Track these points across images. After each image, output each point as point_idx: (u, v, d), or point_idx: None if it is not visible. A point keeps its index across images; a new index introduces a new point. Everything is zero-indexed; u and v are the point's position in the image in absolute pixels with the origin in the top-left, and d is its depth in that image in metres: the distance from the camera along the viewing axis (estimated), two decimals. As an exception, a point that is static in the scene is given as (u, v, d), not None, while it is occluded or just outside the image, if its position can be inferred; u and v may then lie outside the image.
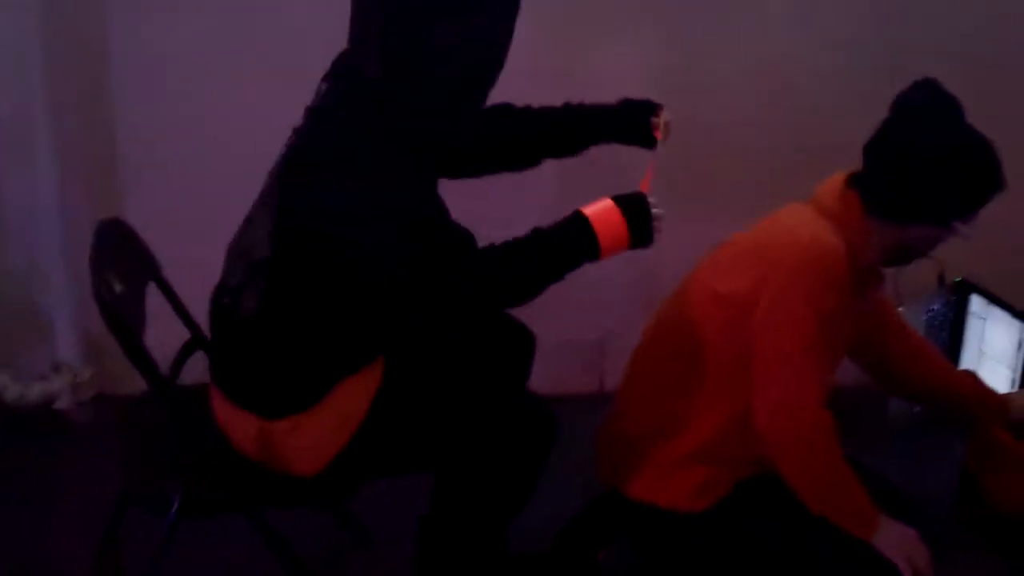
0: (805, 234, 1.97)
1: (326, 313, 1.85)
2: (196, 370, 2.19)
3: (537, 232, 1.84)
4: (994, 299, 2.83)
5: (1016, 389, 2.74)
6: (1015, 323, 2.76)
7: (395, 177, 1.76)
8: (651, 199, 1.86)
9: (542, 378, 2.30)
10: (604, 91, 2.15)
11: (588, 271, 1.88)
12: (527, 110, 2.14)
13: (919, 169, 1.95)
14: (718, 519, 2.05)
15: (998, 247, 2.69)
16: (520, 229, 1.85)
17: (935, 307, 2.93)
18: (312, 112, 1.85)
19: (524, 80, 2.02)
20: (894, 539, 1.99)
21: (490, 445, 1.91)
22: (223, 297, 1.94)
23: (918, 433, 2.96)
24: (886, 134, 2.00)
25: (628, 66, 2.94)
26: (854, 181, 2.02)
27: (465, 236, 1.84)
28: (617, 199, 1.85)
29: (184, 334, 2.25)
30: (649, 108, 2.09)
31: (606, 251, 1.83)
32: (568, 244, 1.83)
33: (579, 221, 1.83)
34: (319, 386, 1.90)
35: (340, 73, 1.85)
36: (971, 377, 2.46)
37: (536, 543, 2.27)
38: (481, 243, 1.88)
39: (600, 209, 1.84)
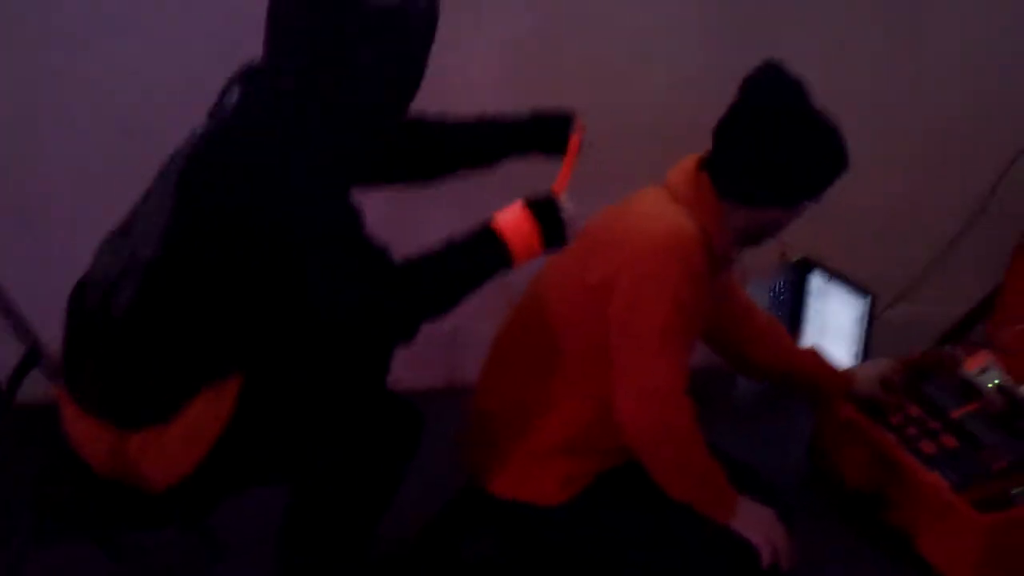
0: (660, 220, 1.97)
1: (204, 317, 1.80)
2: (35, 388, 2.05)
3: (451, 244, 1.82)
4: (834, 275, 2.91)
5: (859, 363, 2.83)
6: (854, 298, 2.84)
7: (325, 179, 1.74)
8: (563, 199, 1.85)
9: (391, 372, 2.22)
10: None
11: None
12: (443, 123, 2.14)
13: (769, 152, 1.97)
14: (580, 511, 2.04)
15: (837, 226, 2.76)
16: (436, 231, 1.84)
17: (778, 285, 2.99)
18: (224, 118, 1.80)
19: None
20: (753, 521, 2.02)
21: (353, 450, 1.86)
22: (90, 296, 1.84)
23: (764, 411, 3.02)
24: (734, 117, 2.00)
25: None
26: (705, 165, 2.03)
27: (382, 249, 1.81)
28: (528, 203, 1.83)
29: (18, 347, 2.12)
30: (566, 120, 2.11)
31: (519, 258, 1.82)
32: (481, 255, 1.81)
33: (489, 232, 1.81)
34: (180, 395, 1.82)
35: (255, 83, 1.81)
36: (815, 354, 2.52)
37: (395, 542, 2.22)
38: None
39: (511, 217, 1.82)
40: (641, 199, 2.07)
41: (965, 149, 3.23)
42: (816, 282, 2.98)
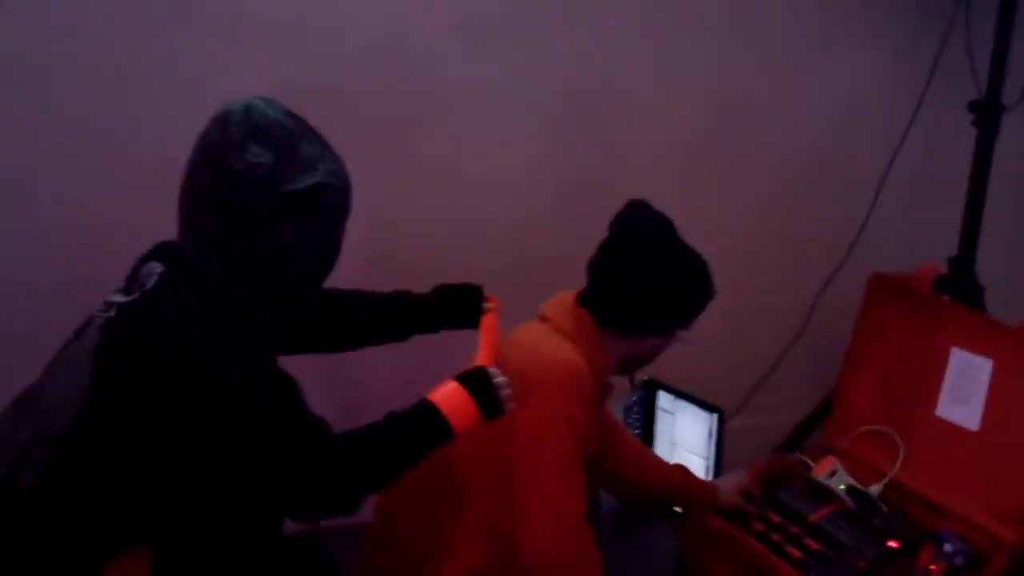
0: (550, 354, 2.02)
1: (115, 492, 1.72)
2: None
3: (390, 419, 1.82)
4: (680, 394, 3.00)
5: (711, 476, 2.91)
6: (703, 414, 2.94)
7: (251, 353, 1.71)
8: (492, 370, 1.89)
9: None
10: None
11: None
12: (356, 296, 2.18)
13: (645, 286, 2.07)
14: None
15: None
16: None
17: (630, 403, 3.05)
18: (145, 294, 1.75)
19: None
20: None
21: None
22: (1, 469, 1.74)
23: (627, 529, 3.05)
24: (608, 255, 2.11)
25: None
26: (583, 301, 2.10)
27: (320, 422, 1.77)
28: (461, 379, 1.86)
29: None
30: (473, 295, 2.18)
31: (459, 430, 1.83)
32: (421, 431, 1.82)
33: (428, 408, 1.82)
34: (89, 570, 1.73)
35: (175, 262, 1.78)
36: (683, 469, 2.59)
37: None
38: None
39: (447, 393, 1.84)
40: (526, 334, 2.11)
41: (782, 274, 3.44)
42: (663, 401, 3.06)
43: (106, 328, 1.74)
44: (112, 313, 1.76)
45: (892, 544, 2.60)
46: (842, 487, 2.77)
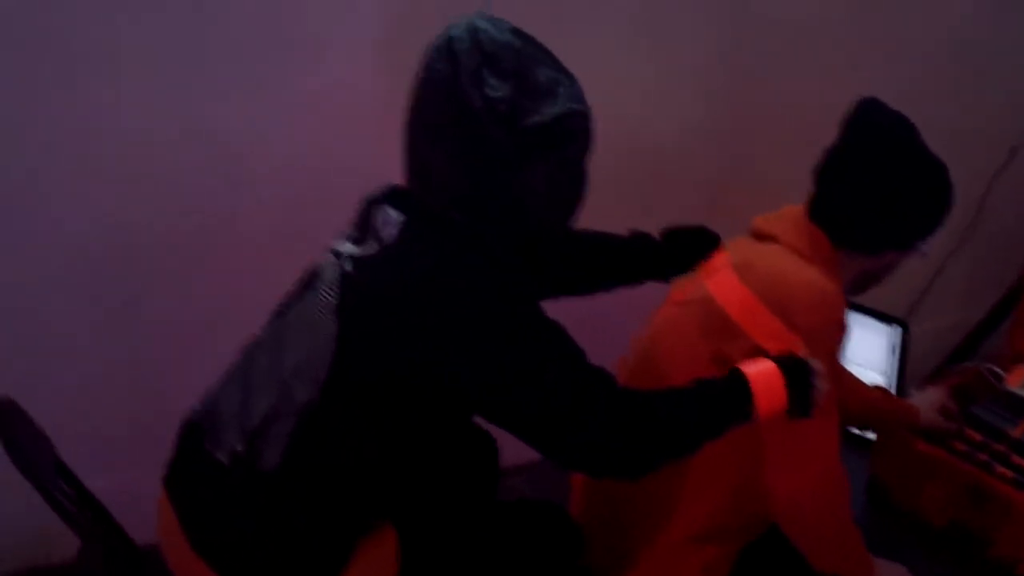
0: (804, 281, 1.83)
1: (364, 466, 1.60)
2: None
3: (700, 385, 1.66)
4: (860, 308, 2.84)
5: (896, 395, 2.77)
6: (884, 327, 2.78)
7: (523, 305, 1.56)
8: (816, 366, 1.71)
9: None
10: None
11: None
12: (591, 238, 2.02)
13: (888, 198, 1.88)
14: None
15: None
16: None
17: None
18: (386, 247, 1.59)
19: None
20: None
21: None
22: (224, 440, 1.62)
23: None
24: (843, 162, 1.90)
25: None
26: (815, 216, 1.91)
27: (605, 372, 1.62)
28: (782, 363, 1.69)
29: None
30: (713, 238, 2.04)
31: (761, 416, 1.66)
32: (727, 403, 1.66)
33: (740, 382, 1.66)
34: (340, 555, 1.61)
35: (414, 211, 1.61)
36: (883, 392, 2.45)
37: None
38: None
39: (763, 373, 1.67)
40: (758, 256, 1.91)
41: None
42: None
43: (345, 285, 1.59)
44: (348, 267, 1.61)
45: (1107, 458, 2.47)
46: (1039, 395, 2.63)
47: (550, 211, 1.61)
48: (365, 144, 2.21)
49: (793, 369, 1.68)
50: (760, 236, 1.96)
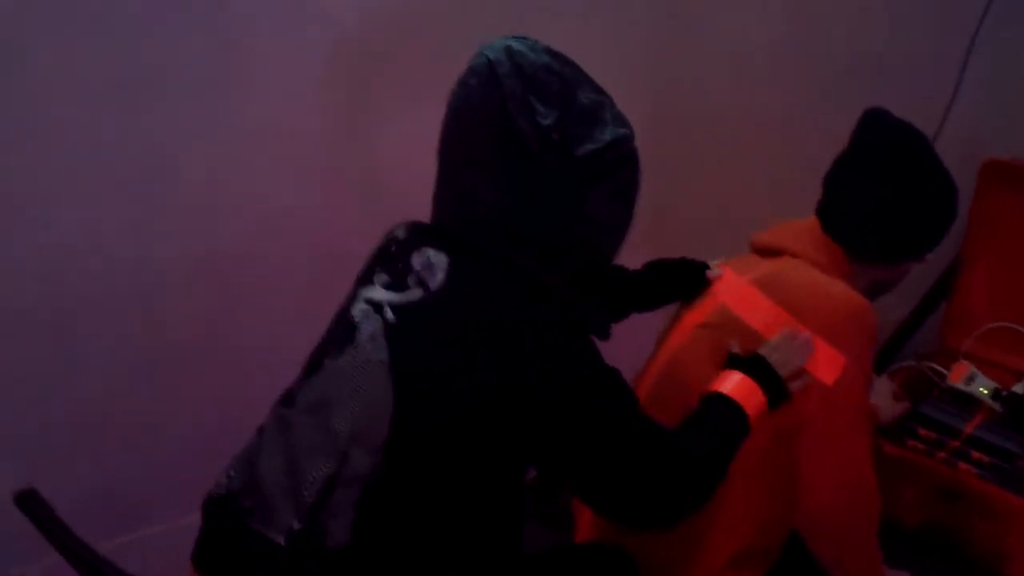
0: (836, 295, 1.77)
1: (430, 531, 1.46)
2: None
3: (701, 419, 1.61)
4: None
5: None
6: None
7: (587, 348, 1.47)
8: (767, 352, 1.69)
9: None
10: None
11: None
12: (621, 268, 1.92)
13: (910, 212, 1.85)
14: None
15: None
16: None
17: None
18: (433, 293, 1.45)
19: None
20: None
21: None
22: (282, 523, 1.45)
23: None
24: (856, 174, 1.87)
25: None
26: (832, 231, 1.86)
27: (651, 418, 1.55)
28: (740, 367, 1.67)
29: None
30: (700, 266, 1.96)
31: (753, 422, 1.63)
32: (730, 428, 1.61)
33: (729, 403, 1.62)
34: None
35: (456, 250, 1.47)
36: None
37: None
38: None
39: (735, 384, 1.64)
40: (787, 271, 1.83)
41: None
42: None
43: (392, 337, 1.45)
44: (391, 317, 1.46)
45: (1061, 445, 2.50)
46: (984, 391, 2.65)
47: (606, 242, 1.51)
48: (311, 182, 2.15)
49: (753, 366, 1.66)
50: (767, 251, 1.89)
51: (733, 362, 1.68)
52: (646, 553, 1.77)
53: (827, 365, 1.72)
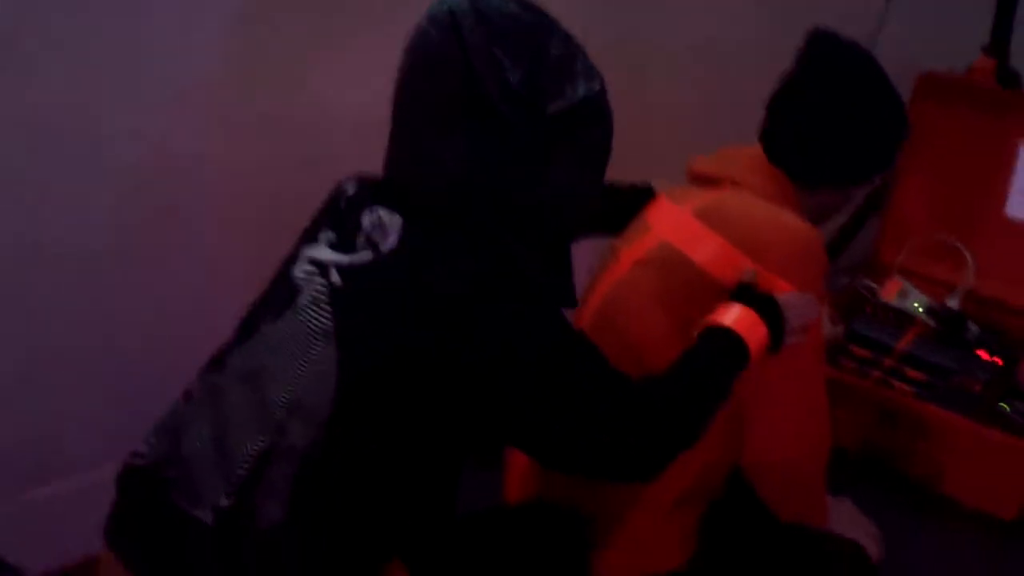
0: (786, 227, 1.66)
1: (373, 505, 1.37)
2: None
3: (694, 355, 1.50)
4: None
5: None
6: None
7: (550, 315, 1.37)
8: (780, 298, 1.58)
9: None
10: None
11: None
12: None
13: (856, 132, 1.76)
14: (706, 563, 1.76)
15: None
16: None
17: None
18: (385, 254, 1.33)
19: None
20: (847, 519, 1.87)
21: None
22: (208, 499, 1.34)
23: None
24: (805, 97, 1.77)
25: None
26: (775, 156, 1.77)
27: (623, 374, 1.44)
28: (748, 302, 1.55)
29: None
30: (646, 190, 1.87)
31: (753, 360, 1.53)
32: (725, 361, 1.51)
33: (727, 335, 1.51)
34: None
35: (412, 211, 1.36)
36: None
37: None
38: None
39: (739, 317, 1.53)
40: (730, 206, 1.72)
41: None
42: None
43: (338, 302, 1.33)
44: (336, 280, 1.35)
45: (996, 360, 2.47)
46: (918, 307, 2.61)
47: (573, 208, 1.41)
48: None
49: (765, 307, 1.55)
50: (707, 180, 1.79)
51: (743, 293, 1.57)
52: (587, 504, 1.69)
53: None
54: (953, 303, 2.61)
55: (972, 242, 2.68)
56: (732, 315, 1.53)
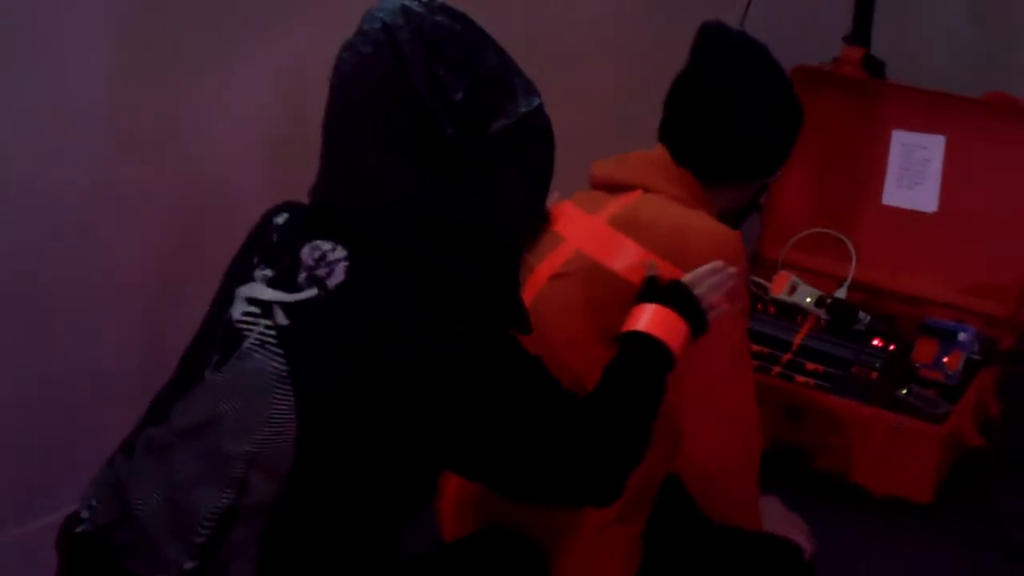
0: (708, 229, 1.65)
1: (349, 544, 1.31)
2: None
3: (620, 370, 1.48)
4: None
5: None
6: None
7: (508, 347, 1.34)
8: (688, 280, 1.56)
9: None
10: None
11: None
12: None
13: (757, 126, 1.76)
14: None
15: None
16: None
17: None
18: (333, 292, 1.26)
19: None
20: (778, 518, 1.85)
21: None
22: (169, 562, 1.25)
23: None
24: (703, 94, 1.75)
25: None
26: (681, 158, 1.74)
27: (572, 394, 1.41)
28: (660, 298, 1.52)
29: None
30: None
31: (677, 356, 1.50)
32: (652, 369, 1.48)
33: (647, 341, 1.49)
34: None
35: (353, 239, 1.28)
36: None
37: None
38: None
39: (654, 318, 1.50)
40: (645, 213, 1.68)
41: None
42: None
43: (287, 344, 1.24)
44: (282, 320, 1.26)
45: (890, 347, 2.49)
46: (808, 300, 2.62)
47: (517, 223, 1.36)
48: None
49: (674, 296, 1.53)
50: (613, 186, 1.74)
51: (649, 290, 1.54)
52: (528, 526, 1.61)
53: None
54: (841, 294, 2.63)
55: (853, 232, 2.71)
56: (646, 318, 1.50)
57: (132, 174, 1.97)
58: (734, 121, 1.73)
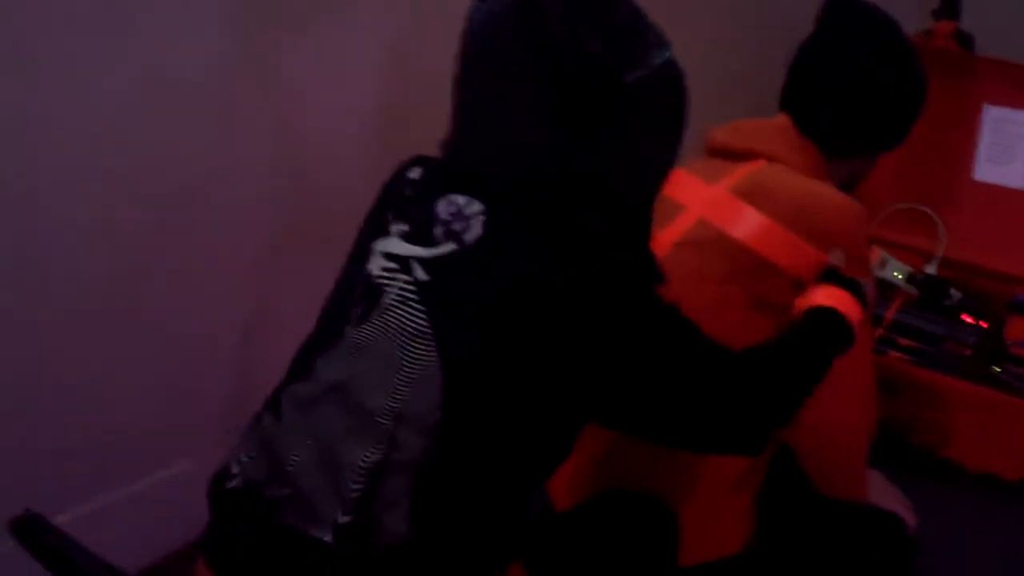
0: (836, 202, 1.64)
1: (496, 505, 1.31)
2: None
3: (796, 334, 1.49)
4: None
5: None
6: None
7: (651, 300, 1.30)
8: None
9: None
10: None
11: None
12: None
13: (885, 99, 1.74)
14: (765, 545, 1.72)
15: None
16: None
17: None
18: (473, 248, 1.25)
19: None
20: (880, 490, 1.85)
21: None
22: (325, 517, 1.26)
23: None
24: (834, 66, 1.73)
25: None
26: (804, 125, 1.73)
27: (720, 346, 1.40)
28: (838, 284, 1.54)
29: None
30: None
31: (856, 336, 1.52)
32: (832, 342, 1.50)
33: (832, 317, 1.50)
34: None
35: (492, 196, 1.27)
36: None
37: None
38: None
39: (838, 299, 1.51)
40: (773, 184, 1.67)
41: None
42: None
43: (429, 299, 1.25)
44: (421, 275, 1.26)
45: (981, 324, 2.49)
46: (899, 275, 2.61)
47: (651, 177, 1.33)
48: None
49: (848, 284, 1.54)
50: (732, 154, 1.74)
51: (832, 276, 1.55)
52: (643, 490, 1.64)
53: None
54: (931, 270, 2.62)
55: (942, 208, 2.70)
56: (834, 296, 1.52)
57: (239, 144, 2.03)
58: (867, 94, 1.72)
